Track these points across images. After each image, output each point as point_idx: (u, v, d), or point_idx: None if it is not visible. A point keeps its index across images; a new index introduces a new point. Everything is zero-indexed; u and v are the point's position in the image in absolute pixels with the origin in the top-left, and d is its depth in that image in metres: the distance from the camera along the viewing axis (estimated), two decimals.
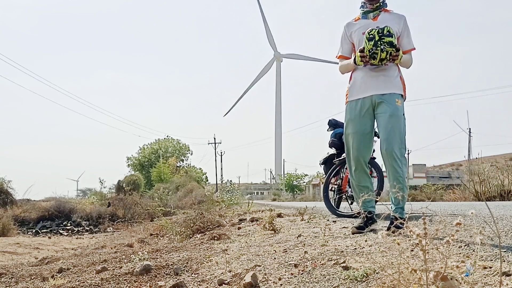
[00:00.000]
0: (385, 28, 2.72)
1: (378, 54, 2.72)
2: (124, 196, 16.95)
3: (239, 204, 11.13)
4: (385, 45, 2.70)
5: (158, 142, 47.19)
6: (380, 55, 2.72)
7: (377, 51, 2.72)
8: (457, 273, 1.26)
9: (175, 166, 34.97)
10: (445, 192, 11.93)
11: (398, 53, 2.74)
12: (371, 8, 2.95)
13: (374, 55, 2.73)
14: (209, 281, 2.21)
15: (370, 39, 2.73)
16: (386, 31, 2.71)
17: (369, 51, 2.74)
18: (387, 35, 2.70)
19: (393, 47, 2.71)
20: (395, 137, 2.78)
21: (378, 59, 2.75)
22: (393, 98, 2.84)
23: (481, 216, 3.10)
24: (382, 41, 2.70)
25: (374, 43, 2.71)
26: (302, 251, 2.49)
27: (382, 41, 2.70)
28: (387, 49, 2.71)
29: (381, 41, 2.70)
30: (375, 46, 2.71)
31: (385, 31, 2.71)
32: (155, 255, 3.46)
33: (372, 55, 2.74)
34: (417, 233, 1.14)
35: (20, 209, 15.45)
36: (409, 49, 2.93)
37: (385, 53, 2.72)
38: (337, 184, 5.17)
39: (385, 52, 2.71)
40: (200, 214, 5.51)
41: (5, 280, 3.36)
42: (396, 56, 2.74)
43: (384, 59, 2.75)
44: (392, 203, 2.82)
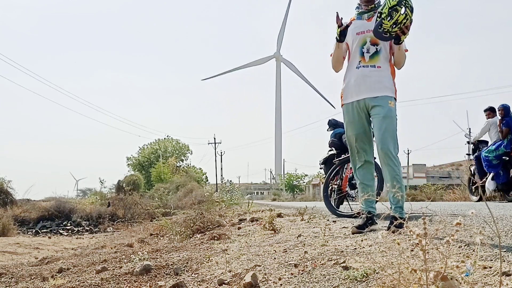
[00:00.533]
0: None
1: (398, 14, 2.56)
2: (124, 196, 16.94)
3: (239, 204, 11.13)
4: (408, 8, 2.56)
5: (158, 142, 47.20)
6: (399, 16, 2.56)
7: (399, 9, 2.55)
8: (457, 273, 1.26)
9: (175, 166, 34.95)
10: (445, 192, 11.93)
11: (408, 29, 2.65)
12: (366, 9, 2.98)
13: (394, 13, 2.56)
14: (209, 281, 2.21)
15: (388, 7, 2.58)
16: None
17: (389, 8, 2.57)
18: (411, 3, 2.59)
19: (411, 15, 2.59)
20: (390, 138, 2.85)
21: (394, 20, 2.57)
22: (386, 100, 2.88)
23: (481, 216, 3.11)
24: (407, 2, 2.57)
25: (399, 1, 2.55)
26: (302, 251, 2.49)
27: (407, 2, 2.57)
28: (408, 13, 2.56)
29: (406, 2, 2.57)
30: (398, 4, 2.55)
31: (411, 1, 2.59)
32: (155, 255, 3.46)
33: (391, 12, 2.56)
34: (417, 233, 1.14)
35: (20, 209, 15.46)
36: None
37: (403, 16, 2.56)
38: (337, 184, 5.17)
39: (404, 15, 2.56)
40: (200, 214, 5.51)
41: (5, 280, 3.36)
42: (408, 28, 2.64)
43: (400, 24, 2.59)
44: (390, 202, 2.84)
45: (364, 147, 3.04)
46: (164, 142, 47.26)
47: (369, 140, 3.07)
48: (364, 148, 3.04)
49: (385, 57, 2.93)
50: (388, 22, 2.61)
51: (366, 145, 3.04)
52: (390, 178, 2.83)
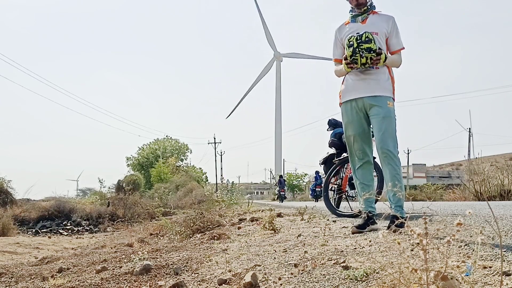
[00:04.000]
0: (363, 34, 2.82)
1: (358, 59, 2.83)
2: (124, 196, 16.92)
3: (239, 204, 11.13)
4: (364, 51, 2.80)
5: (157, 142, 47.17)
6: (360, 60, 2.82)
7: (357, 57, 2.82)
8: (458, 272, 1.26)
9: (175, 165, 34.93)
10: (445, 192, 11.93)
11: (379, 57, 2.82)
12: (359, 12, 3.03)
13: (355, 60, 2.84)
14: (209, 281, 2.21)
15: (349, 46, 2.85)
16: (364, 37, 2.81)
17: (350, 56, 2.86)
18: (366, 41, 2.80)
19: (372, 52, 2.79)
20: (389, 138, 2.87)
21: (359, 64, 2.85)
22: (384, 100, 2.91)
23: (481, 216, 3.11)
24: (360, 47, 2.80)
25: (353, 50, 2.82)
26: (302, 250, 2.49)
27: (360, 47, 2.80)
28: (366, 55, 2.81)
29: (359, 48, 2.80)
30: (353, 53, 2.82)
31: (364, 38, 2.80)
32: (155, 254, 3.46)
33: (353, 60, 2.85)
34: (417, 232, 1.14)
35: (20, 208, 15.43)
36: (398, 49, 3.00)
37: (364, 59, 2.82)
38: (337, 183, 5.17)
39: (364, 57, 2.81)
40: (200, 214, 5.51)
41: (5, 280, 3.36)
42: (377, 60, 2.83)
43: (366, 64, 2.84)
44: (390, 202, 2.84)
45: (363, 147, 3.04)
46: (164, 142, 47.23)
47: (368, 140, 3.08)
48: (363, 148, 3.04)
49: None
50: (356, 65, 2.87)
51: (365, 145, 3.05)
52: (391, 177, 2.84)
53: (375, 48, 2.80)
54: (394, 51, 2.99)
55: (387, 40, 2.98)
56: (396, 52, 2.99)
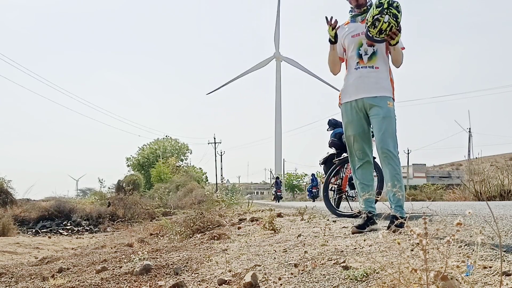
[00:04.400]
0: (396, 1, 2.65)
1: (380, 23, 2.63)
2: (124, 196, 16.91)
3: (239, 204, 11.12)
4: (390, 16, 2.61)
5: (157, 142, 47.17)
6: (382, 24, 2.63)
7: (381, 19, 2.61)
8: (457, 272, 1.26)
9: (175, 166, 34.93)
10: (445, 192, 11.94)
11: (398, 33, 2.71)
12: (358, 12, 3.03)
13: (376, 22, 2.63)
14: (209, 281, 2.21)
15: (378, 6, 2.64)
16: (396, 4, 2.64)
17: (372, 17, 2.65)
18: (396, 7, 2.64)
19: (396, 22, 2.64)
20: (389, 138, 2.86)
21: (378, 28, 2.64)
22: (384, 100, 2.90)
23: (481, 216, 3.11)
24: (389, 10, 2.62)
25: (381, 9, 2.61)
26: (302, 250, 2.49)
27: (390, 10, 2.62)
28: (391, 21, 2.62)
29: (388, 10, 2.62)
30: (380, 14, 2.61)
31: (395, 4, 2.64)
32: (155, 255, 3.46)
33: (374, 22, 2.64)
34: (417, 232, 1.14)
35: (20, 208, 15.42)
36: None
37: (387, 24, 2.63)
38: (337, 184, 5.17)
39: (387, 23, 2.62)
40: (200, 214, 5.51)
41: (5, 280, 3.36)
42: (395, 33, 2.69)
43: (384, 31, 2.65)
44: (390, 202, 2.84)
45: (363, 147, 3.04)
46: (164, 142, 47.23)
47: (368, 140, 3.08)
48: (363, 148, 3.04)
49: (382, 57, 2.96)
50: (373, 30, 2.69)
51: (365, 145, 3.05)
52: (391, 177, 2.84)
53: (400, 20, 2.64)
54: None
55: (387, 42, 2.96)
56: None
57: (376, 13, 2.63)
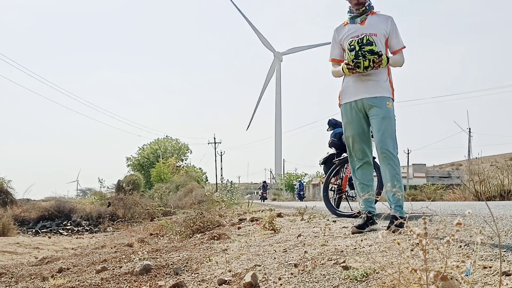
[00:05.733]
0: (364, 37, 2.81)
1: (361, 63, 2.80)
2: (124, 196, 16.91)
3: (239, 204, 11.13)
4: (366, 53, 2.78)
5: (157, 142, 47.17)
6: (363, 63, 2.80)
7: (360, 60, 2.80)
8: (457, 272, 1.26)
9: (175, 166, 34.94)
10: (445, 192, 11.92)
11: (381, 59, 2.81)
12: (357, 13, 3.02)
13: (358, 64, 2.82)
14: (209, 281, 2.21)
15: (351, 50, 2.83)
16: (365, 40, 2.79)
17: (352, 61, 2.83)
18: (367, 43, 2.79)
19: (374, 54, 2.78)
20: (389, 138, 2.88)
21: (362, 68, 2.83)
22: (384, 101, 2.92)
23: (481, 216, 3.11)
24: (362, 50, 2.78)
25: (355, 53, 2.80)
26: (302, 250, 2.49)
27: (363, 50, 2.78)
28: (369, 57, 2.79)
29: (362, 51, 2.78)
30: (356, 57, 2.80)
31: (365, 40, 2.79)
32: (155, 255, 3.46)
33: (356, 64, 2.83)
34: (417, 232, 1.14)
35: (20, 208, 15.42)
36: (399, 49, 3.00)
37: (367, 61, 2.80)
38: (337, 184, 5.17)
39: (367, 60, 2.79)
40: (200, 214, 5.51)
41: (5, 280, 3.36)
42: (379, 62, 2.81)
43: (368, 67, 2.82)
44: (390, 202, 2.84)
45: (362, 147, 3.04)
46: (164, 142, 47.23)
47: (367, 140, 3.08)
48: (363, 148, 3.05)
49: None
50: (360, 70, 2.85)
51: (364, 146, 3.05)
52: (390, 177, 2.84)
53: (376, 50, 2.80)
54: (396, 51, 2.99)
55: (387, 41, 2.98)
56: (397, 51, 2.99)
57: (353, 58, 2.82)
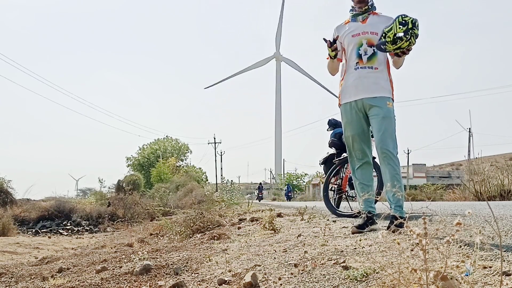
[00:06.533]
0: (417, 20, 2.66)
1: (402, 42, 2.65)
2: (124, 196, 16.91)
3: (239, 204, 11.13)
4: (413, 37, 2.64)
5: (158, 142, 47.19)
6: (403, 44, 2.66)
7: (404, 38, 2.64)
8: (457, 272, 1.26)
9: (175, 166, 34.96)
10: (445, 192, 11.93)
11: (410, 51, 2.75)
12: (359, 11, 3.01)
13: (398, 40, 2.65)
14: (209, 281, 2.21)
15: (402, 24, 2.64)
16: (418, 24, 2.66)
17: (394, 34, 2.65)
18: (418, 27, 2.65)
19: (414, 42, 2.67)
20: (389, 138, 2.87)
21: (398, 46, 2.67)
22: (384, 101, 2.91)
23: (481, 216, 3.11)
24: (413, 31, 2.63)
25: (406, 30, 2.63)
26: (302, 250, 2.49)
27: (413, 31, 2.63)
28: (412, 41, 2.65)
29: (412, 31, 2.63)
30: (404, 33, 2.63)
31: (417, 24, 2.65)
32: (155, 254, 3.46)
33: (396, 40, 2.65)
34: (417, 232, 1.14)
35: (20, 208, 15.43)
36: None
37: (407, 44, 2.66)
38: (337, 183, 5.17)
39: (408, 43, 2.65)
40: (200, 214, 5.51)
41: (5, 280, 3.36)
42: (408, 51, 2.74)
43: (403, 49, 2.69)
44: (390, 202, 2.84)
45: (362, 147, 3.04)
46: (164, 142, 47.25)
47: (367, 140, 3.08)
48: (363, 148, 3.04)
49: (382, 58, 2.97)
50: (392, 46, 2.70)
51: (364, 146, 3.05)
52: (390, 177, 2.84)
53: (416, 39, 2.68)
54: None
55: None
56: None
57: (399, 32, 2.63)
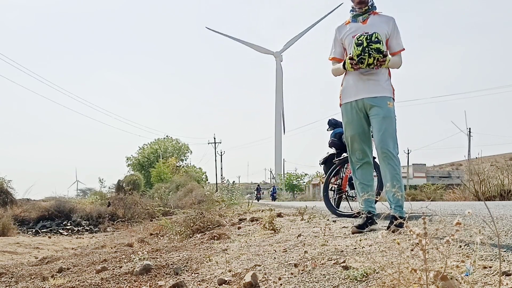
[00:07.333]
0: (373, 34, 2.80)
1: (366, 59, 2.80)
2: (124, 196, 16.92)
3: (239, 204, 11.13)
4: (373, 51, 2.78)
5: (158, 142, 47.20)
6: (368, 60, 2.80)
7: (365, 57, 2.80)
8: (457, 272, 1.26)
9: (175, 166, 34.98)
10: (445, 192, 11.93)
11: (385, 59, 2.82)
12: (360, 12, 3.03)
13: (362, 60, 2.82)
14: (209, 281, 2.21)
15: (358, 45, 2.81)
16: (374, 37, 2.79)
17: (357, 56, 2.82)
18: (375, 41, 2.78)
19: (380, 53, 2.79)
20: (389, 138, 2.87)
21: (366, 64, 2.83)
22: (384, 101, 2.92)
23: (481, 216, 3.11)
24: (370, 47, 2.78)
25: (362, 49, 2.79)
26: (302, 250, 2.49)
27: (370, 47, 2.78)
28: (374, 55, 2.79)
29: (369, 47, 2.78)
30: (363, 52, 2.79)
31: (373, 38, 2.79)
32: (155, 254, 3.46)
33: (360, 60, 2.82)
34: (417, 232, 1.14)
35: (20, 208, 15.43)
36: (398, 50, 3.01)
37: (372, 59, 2.80)
38: (337, 183, 5.17)
39: (372, 57, 2.79)
40: (200, 213, 5.51)
41: (5, 280, 3.36)
42: (383, 61, 2.82)
43: (371, 64, 2.83)
44: (390, 202, 2.84)
45: (363, 147, 3.04)
46: (164, 142, 47.26)
47: (368, 140, 3.08)
48: (363, 148, 3.05)
49: None
50: (363, 66, 2.84)
51: (365, 146, 3.05)
52: (390, 177, 2.84)
53: (383, 49, 2.80)
54: (395, 52, 2.99)
55: (387, 41, 2.98)
56: (396, 53, 3.00)
57: (359, 53, 2.80)
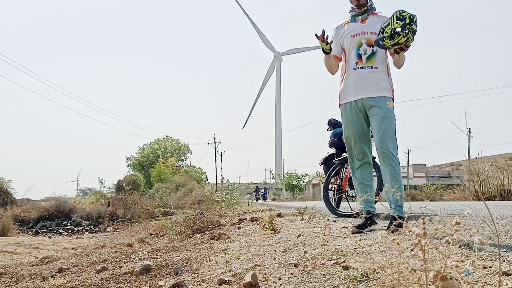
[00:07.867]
0: (415, 16, 2.62)
1: (399, 37, 2.60)
2: (124, 196, 16.93)
3: (239, 204, 11.13)
4: (411, 32, 2.59)
5: (158, 142, 47.18)
6: (400, 39, 2.61)
7: (401, 34, 2.58)
8: (457, 272, 1.26)
9: (175, 166, 34.97)
10: (445, 192, 11.92)
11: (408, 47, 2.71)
12: (359, 12, 3.02)
13: (395, 36, 2.60)
14: (209, 281, 2.21)
15: (400, 19, 2.59)
16: (416, 19, 2.62)
17: (392, 29, 2.60)
18: (416, 22, 2.61)
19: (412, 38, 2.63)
20: (389, 138, 2.87)
21: (395, 42, 2.62)
22: (384, 101, 2.91)
23: (481, 216, 3.11)
24: (410, 26, 2.59)
25: (404, 24, 2.57)
26: (302, 250, 2.49)
27: (411, 26, 2.59)
28: (410, 36, 2.60)
29: (410, 26, 2.59)
30: (402, 28, 2.58)
31: (415, 19, 2.61)
32: (155, 254, 3.47)
33: (393, 35, 2.60)
34: (416, 232, 1.15)
35: (20, 208, 15.42)
36: None
37: (405, 39, 2.61)
38: (337, 183, 5.17)
39: (405, 38, 2.60)
40: (200, 214, 5.52)
41: (5, 280, 3.36)
42: (407, 47, 2.70)
43: (400, 44, 2.64)
44: (390, 202, 2.84)
45: (362, 147, 3.04)
46: (164, 142, 47.24)
47: (367, 140, 3.08)
48: (363, 148, 3.04)
49: (381, 58, 2.97)
50: (389, 41, 2.65)
51: (364, 146, 3.05)
52: (390, 177, 2.84)
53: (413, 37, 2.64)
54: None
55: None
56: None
57: (396, 27, 2.58)
